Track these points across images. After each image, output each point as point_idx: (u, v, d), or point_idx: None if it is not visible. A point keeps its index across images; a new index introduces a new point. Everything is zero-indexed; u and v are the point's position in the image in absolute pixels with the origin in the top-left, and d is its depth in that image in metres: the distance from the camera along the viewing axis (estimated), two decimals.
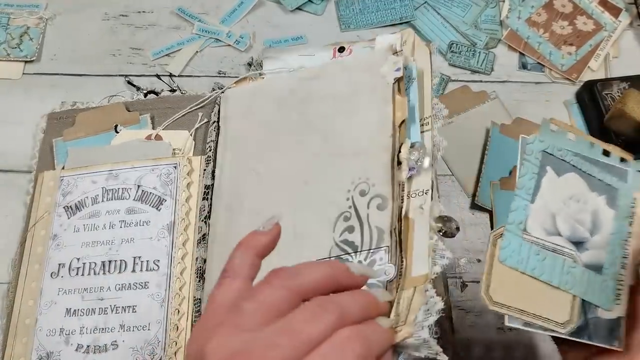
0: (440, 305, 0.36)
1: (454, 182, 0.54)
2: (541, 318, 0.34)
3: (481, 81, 0.59)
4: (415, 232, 0.41)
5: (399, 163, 0.43)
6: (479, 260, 0.50)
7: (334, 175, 0.45)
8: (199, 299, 0.45)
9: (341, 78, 0.49)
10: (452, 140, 0.54)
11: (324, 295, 0.30)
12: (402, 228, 0.41)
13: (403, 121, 0.45)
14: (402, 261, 0.40)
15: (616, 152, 0.39)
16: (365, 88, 0.48)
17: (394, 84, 0.46)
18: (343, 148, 0.46)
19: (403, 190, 0.43)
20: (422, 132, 0.45)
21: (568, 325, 0.35)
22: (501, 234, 0.35)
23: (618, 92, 0.55)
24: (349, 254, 0.42)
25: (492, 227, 0.51)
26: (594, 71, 0.59)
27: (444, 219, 0.41)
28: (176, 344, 0.43)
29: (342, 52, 0.53)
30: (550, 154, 0.38)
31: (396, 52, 0.48)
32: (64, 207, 0.50)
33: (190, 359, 0.30)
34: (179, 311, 0.45)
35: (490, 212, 0.52)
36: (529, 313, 0.34)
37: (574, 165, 0.38)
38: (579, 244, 0.37)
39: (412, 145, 0.43)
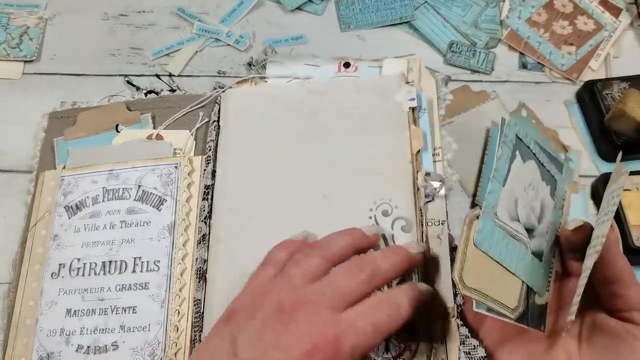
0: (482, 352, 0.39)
1: (455, 176, 0.53)
2: (499, 304, 0.34)
3: (481, 81, 0.59)
4: (434, 261, 0.44)
5: (417, 189, 0.46)
6: None
7: (354, 192, 0.46)
8: (199, 300, 0.45)
9: (353, 98, 0.51)
10: (452, 140, 0.54)
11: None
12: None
13: (418, 150, 0.48)
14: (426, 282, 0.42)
15: (555, 143, 0.39)
16: (379, 112, 0.50)
17: (408, 112, 0.49)
18: (360, 166, 0.47)
19: (422, 217, 0.45)
20: (434, 161, 0.47)
21: (516, 311, 0.35)
22: (477, 216, 0.35)
23: (618, 92, 0.55)
24: None
25: None
26: (594, 71, 0.59)
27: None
28: (176, 345, 0.43)
29: (347, 67, 0.55)
30: (520, 139, 0.38)
31: (408, 82, 0.51)
32: (64, 207, 0.49)
33: (229, 313, 0.36)
34: (179, 312, 0.45)
35: None
36: (492, 298, 0.34)
37: (534, 153, 0.38)
38: (529, 231, 0.37)
39: (428, 174, 0.47)
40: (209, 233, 0.47)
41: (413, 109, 0.50)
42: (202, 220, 0.48)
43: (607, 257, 0.34)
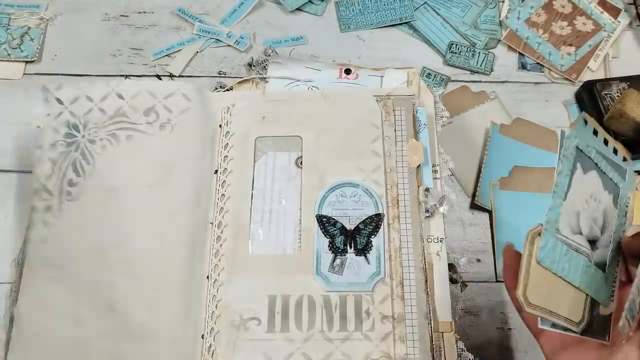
0: None
1: (453, 182, 0.54)
2: (564, 318, 0.34)
3: (481, 81, 0.59)
4: (434, 277, 0.47)
5: (419, 204, 0.49)
6: (478, 260, 0.51)
7: None
8: None
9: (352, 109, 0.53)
10: (452, 140, 0.55)
11: None
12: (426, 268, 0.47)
13: (418, 165, 0.50)
14: (428, 296, 0.45)
15: (620, 150, 0.38)
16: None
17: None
18: None
19: (422, 231, 0.48)
20: (433, 178, 0.49)
21: (581, 324, 0.35)
22: (539, 232, 0.34)
23: (617, 92, 0.55)
24: None
25: (491, 227, 0.51)
26: (593, 71, 0.59)
27: (451, 267, 0.48)
28: None
29: (348, 74, 0.56)
30: (581, 151, 0.36)
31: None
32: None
33: None
34: None
35: (490, 212, 0.52)
36: (556, 314, 0.34)
37: (595, 163, 0.37)
38: (592, 242, 0.37)
39: (427, 190, 0.48)
40: None
41: (413, 124, 0.52)
42: None
43: None
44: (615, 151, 0.38)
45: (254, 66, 0.58)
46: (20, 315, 0.45)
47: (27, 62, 0.59)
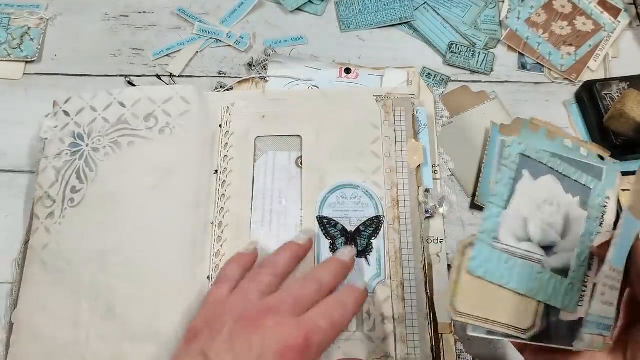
0: None
1: (453, 182, 0.54)
2: (504, 325, 0.34)
3: (481, 81, 0.59)
4: (434, 277, 0.48)
5: (419, 204, 0.49)
6: None
7: None
8: None
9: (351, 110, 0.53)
10: (452, 140, 0.55)
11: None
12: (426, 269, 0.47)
13: (418, 166, 0.50)
14: (429, 297, 0.46)
15: (594, 149, 0.38)
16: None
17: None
18: None
19: (422, 231, 0.48)
20: (433, 179, 0.49)
21: (531, 331, 0.34)
22: (470, 243, 0.34)
23: (617, 92, 0.55)
24: None
25: None
26: (594, 71, 0.59)
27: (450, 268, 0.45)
28: None
29: (348, 73, 0.56)
30: (528, 157, 0.36)
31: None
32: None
33: (192, 332, 0.38)
34: None
35: None
36: (492, 321, 0.34)
37: (551, 167, 0.36)
38: (548, 248, 0.36)
39: (427, 190, 0.48)
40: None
41: (413, 124, 0.52)
42: None
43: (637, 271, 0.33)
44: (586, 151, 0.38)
45: (254, 66, 0.58)
46: (20, 319, 0.45)
47: (27, 62, 0.59)
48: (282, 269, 0.42)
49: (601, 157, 0.38)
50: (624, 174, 0.52)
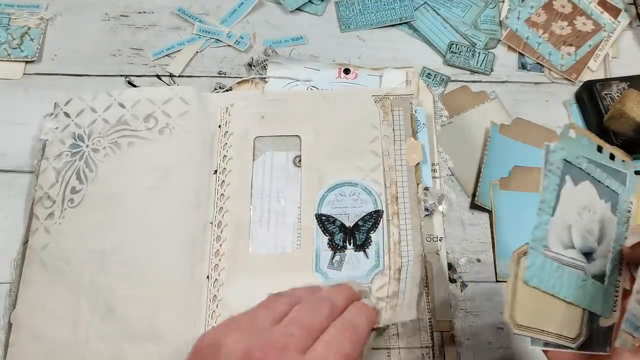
0: None
1: (453, 182, 0.54)
2: (557, 336, 0.34)
3: (481, 81, 0.59)
4: (434, 277, 0.48)
5: (418, 202, 0.49)
6: (478, 260, 0.51)
7: None
8: None
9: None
10: (452, 140, 0.55)
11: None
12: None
13: (417, 164, 0.50)
14: (427, 296, 0.46)
15: (619, 154, 0.37)
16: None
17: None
18: None
19: (421, 229, 0.48)
20: (432, 177, 0.49)
21: (578, 340, 0.34)
22: (525, 252, 0.33)
23: (617, 92, 0.55)
24: None
25: (491, 227, 0.51)
26: (594, 71, 0.59)
27: (451, 267, 0.48)
28: None
29: (347, 73, 0.56)
30: (570, 163, 0.35)
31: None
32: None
33: (203, 350, 0.34)
34: None
35: (490, 212, 0.52)
36: (547, 332, 0.34)
37: (587, 173, 0.36)
38: (588, 254, 0.36)
39: (426, 188, 0.48)
40: None
41: (412, 123, 0.52)
42: None
43: None
44: (612, 156, 0.37)
45: (253, 66, 0.58)
46: (19, 320, 0.46)
47: (27, 62, 0.59)
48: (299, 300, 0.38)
49: (623, 162, 0.37)
50: None
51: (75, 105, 0.53)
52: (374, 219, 0.48)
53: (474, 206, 0.53)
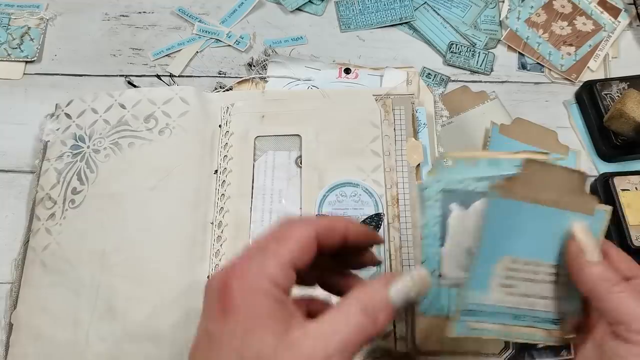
0: None
1: None
2: (475, 354, 0.34)
3: (481, 81, 0.59)
4: None
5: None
6: None
7: None
8: None
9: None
10: (452, 140, 0.55)
11: None
12: None
13: (418, 164, 0.50)
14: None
15: (527, 155, 0.34)
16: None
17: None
18: None
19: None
20: None
21: (506, 351, 0.34)
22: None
23: (617, 92, 0.55)
24: None
25: None
26: (594, 71, 0.59)
27: None
28: None
29: (348, 73, 0.56)
30: (451, 190, 0.34)
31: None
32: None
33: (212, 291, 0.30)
34: None
35: None
36: (462, 353, 0.34)
37: (479, 191, 0.34)
38: None
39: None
40: None
41: (413, 124, 0.52)
42: None
43: (573, 273, 0.32)
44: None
45: (253, 66, 0.58)
46: (19, 321, 0.46)
47: (27, 62, 0.59)
48: None
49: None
50: (624, 173, 0.52)
51: (76, 106, 0.53)
52: (375, 222, 0.48)
53: None
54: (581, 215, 0.31)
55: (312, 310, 0.31)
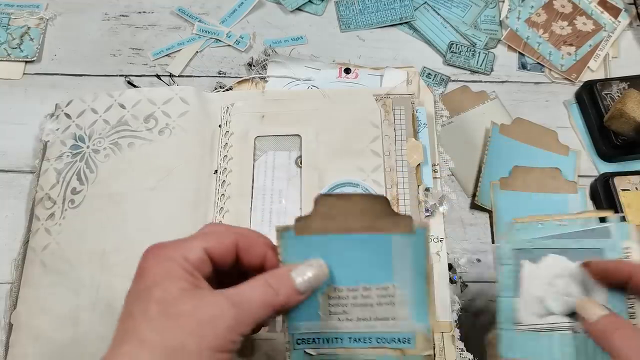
0: None
1: (454, 182, 0.54)
2: None
3: (481, 81, 0.59)
4: (434, 277, 0.45)
5: (419, 203, 0.49)
6: (478, 260, 0.51)
7: None
8: None
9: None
10: (452, 140, 0.55)
11: None
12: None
13: (418, 164, 0.50)
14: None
15: (593, 214, 0.39)
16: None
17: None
18: None
19: None
20: (433, 178, 0.49)
21: None
22: (495, 335, 0.38)
23: (617, 92, 0.55)
24: None
25: (491, 228, 0.51)
26: (594, 71, 0.59)
27: (451, 267, 0.48)
28: None
29: (348, 73, 0.56)
30: (521, 249, 0.39)
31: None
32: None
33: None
34: None
35: (490, 212, 0.52)
36: None
37: (546, 249, 0.39)
38: (574, 314, 0.38)
39: (427, 189, 0.48)
40: None
41: (413, 123, 0.52)
42: None
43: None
44: (603, 219, 0.38)
45: (253, 66, 0.58)
46: (19, 321, 0.45)
47: (27, 62, 0.59)
48: None
49: (602, 219, 0.39)
50: (624, 173, 0.52)
51: (76, 106, 0.53)
52: None
53: (474, 206, 0.53)
54: (402, 234, 0.32)
55: None
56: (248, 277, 0.32)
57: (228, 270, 0.33)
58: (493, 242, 0.51)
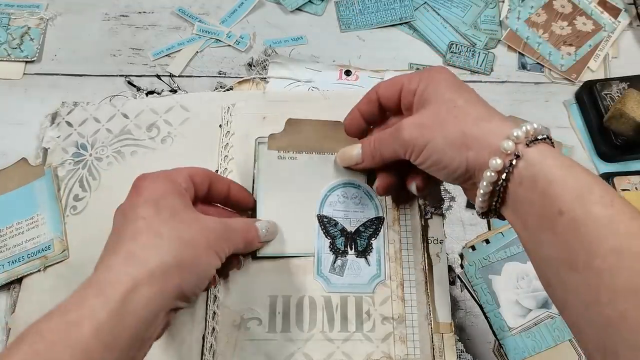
0: None
1: None
2: None
3: (481, 81, 0.59)
4: (434, 278, 0.48)
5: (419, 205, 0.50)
6: None
7: None
8: None
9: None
10: None
11: None
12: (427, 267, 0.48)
13: None
14: (429, 297, 0.47)
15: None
16: None
17: None
18: None
19: (423, 232, 0.49)
20: None
21: None
22: (499, 344, 0.46)
23: (617, 92, 0.55)
24: None
25: (489, 228, 0.51)
26: (594, 71, 0.60)
27: (451, 268, 0.50)
28: None
29: (348, 75, 0.56)
30: (484, 266, 0.49)
31: None
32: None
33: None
34: None
35: None
36: None
37: (500, 259, 0.49)
38: (547, 304, 0.47)
39: None
40: None
41: None
42: None
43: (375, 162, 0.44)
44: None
45: (254, 66, 0.58)
46: (17, 325, 0.46)
47: (27, 62, 0.59)
48: None
49: None
50: (624, 173, 0.52)
51: (78, 114, 0.54)
52: (375, 225, 0.48)
53: (474, 206, 0.52)
54: (39, 179, 0.51)
55: None
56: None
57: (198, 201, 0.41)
58: None
